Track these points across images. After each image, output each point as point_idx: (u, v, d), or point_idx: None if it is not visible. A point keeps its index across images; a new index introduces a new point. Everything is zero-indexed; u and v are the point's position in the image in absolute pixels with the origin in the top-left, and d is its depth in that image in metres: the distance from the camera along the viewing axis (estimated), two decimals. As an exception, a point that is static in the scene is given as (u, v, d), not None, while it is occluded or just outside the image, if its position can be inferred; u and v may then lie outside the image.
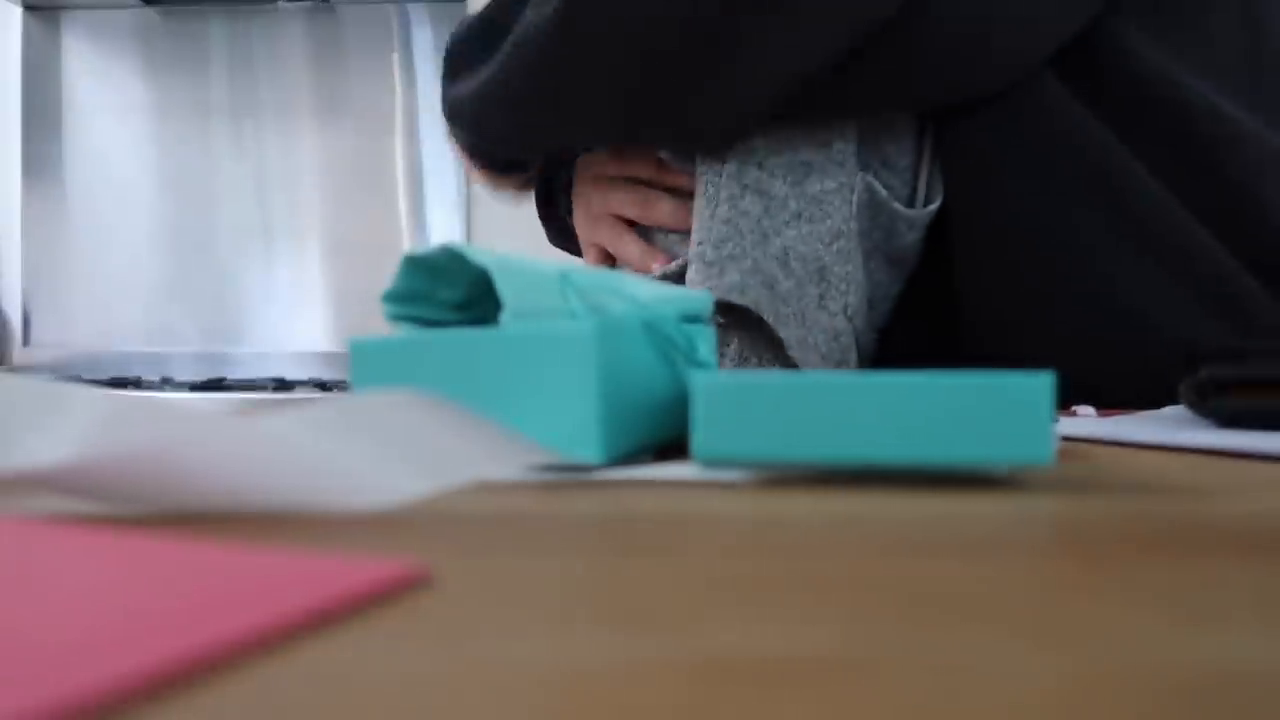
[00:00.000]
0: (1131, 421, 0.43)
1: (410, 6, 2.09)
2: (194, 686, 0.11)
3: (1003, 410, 0.25)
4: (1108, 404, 0.54)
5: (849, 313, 0.56)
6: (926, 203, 0.60)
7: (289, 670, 0.12)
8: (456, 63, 0.65)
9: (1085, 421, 0.44)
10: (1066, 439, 0.39)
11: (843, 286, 0.56)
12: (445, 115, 0.67)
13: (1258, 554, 0.18)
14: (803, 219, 0.55)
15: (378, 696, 0.11)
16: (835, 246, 0.55)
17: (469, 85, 0.62)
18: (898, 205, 0.58)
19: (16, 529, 0.19)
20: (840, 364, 0.58)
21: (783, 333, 0.55)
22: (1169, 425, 0.41)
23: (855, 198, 0.56)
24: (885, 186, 0.58)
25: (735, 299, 0.55)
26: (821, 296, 0.56)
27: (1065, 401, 0.55)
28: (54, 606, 0.14)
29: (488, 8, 0.65)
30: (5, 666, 0.11)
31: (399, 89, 2.09)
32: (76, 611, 0.13)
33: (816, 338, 0.56)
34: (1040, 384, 0.25)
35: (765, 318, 0.55)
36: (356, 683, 0.11)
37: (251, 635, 0.12)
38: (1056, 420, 0.37)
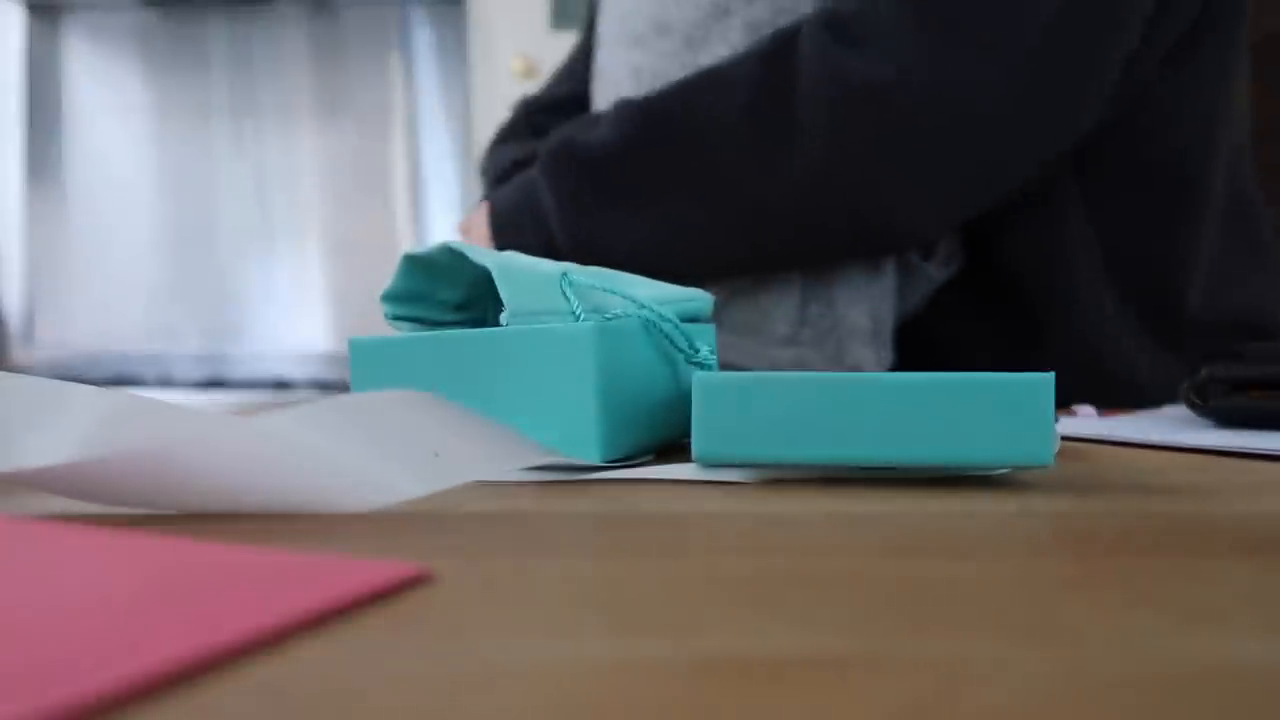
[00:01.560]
0: (1131, 421, 0.43)
1: (410, 7, 2.09)
2: (194, 686, 0.11)
3: (1003, 410, 0.25)
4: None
5: (880, 360, 0.63)
6: (945, 262, 0.65)
7: (289, 670, 0.12)
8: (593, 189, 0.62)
9: (1085, 421, 0.44)
10: (1066, 439, 0.39)
11: (886, 336, 0.62)
12: (567, 252, 0.62)
13: (1258, 554, 0.18)
14: (873, 282, 0.61)
15: (378, 696, 0.11)
16: (886, 305, 0.62)
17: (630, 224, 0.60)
18: (927, 265, 0.63)
19: (16, 529, 0.19)
20: None
21: None
22: (1169, 425, 0.41)
23: (894, 264, 0.62)
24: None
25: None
26: (878, 350, 0.62)
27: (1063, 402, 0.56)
28: (54, 606, 0.14)
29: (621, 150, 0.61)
30: (6, 667, 0.11)
31: (399, 89, 2.09)
32: (77, 611, 0.13)
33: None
34: (1040, 384, 0.25)
35: None
36: (357, 682, 0.11)
37: (252, 635, 0.12)
38: (1056, 420, 0.37)
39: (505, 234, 0.64)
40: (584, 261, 0.59)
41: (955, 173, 0.56)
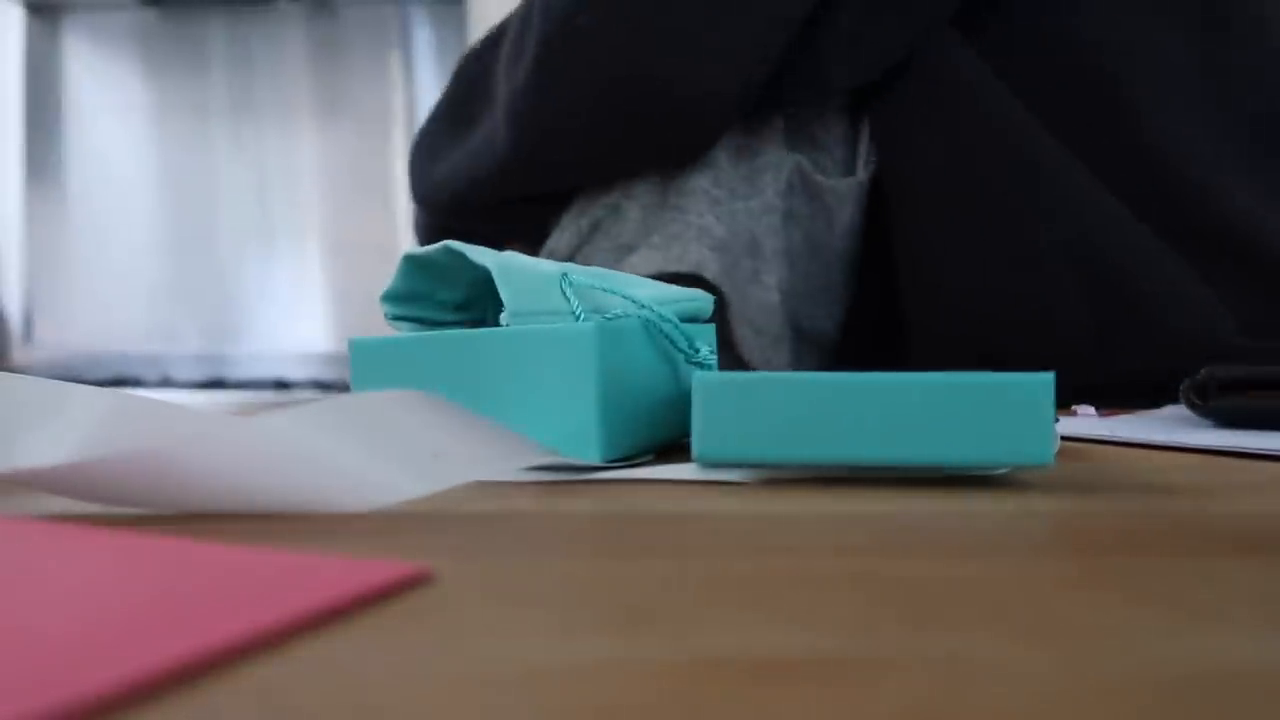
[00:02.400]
0: (1131, 421, 0.43)
1: (410, 7, 2.09)
2: (194, 686, 0.11)
3: (1003, 410, 0.25)
4: (1021, 364, 0.53)
5: (781, 287, 0.58)
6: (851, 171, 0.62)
7: (290, 669, 0.12)
8: (426, 153, 0.69)
9: (1085, 421, 0.44)
10: (1066, 439, 0.39)
11: (774, 261, 0.58)
12: (424, 200, 0.70)
13: (1258, 554, 0.18)
14: (737, 196, 0.58)
15: (378, 696, 0.11)
16: (765, 221, 0.58)
17: (452, 159, 0.66)
18: (821, 177, 0.60)
19: (16, 529, 0.19)
20: (776, 340, 0.59)
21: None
22: (1169, 425, 0.41)
23: (786, 176, 0.59)
24: (818, 168, 0.60)
25: (682, 268, 0.57)
26: (756, 271, 0.58)
27: (1064, 402, 0.55)
28: (54, 606, 0.14)
29: (441, 104, 0.69)
30: (6, 667, 0.11)
31: (399, 89, 2.09)
32: (77, 611, 0.13)
33: (752, 312, 0.58)
34: (1040, 384, 0.25)
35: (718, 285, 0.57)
36: (357, 682, 0.11)
37: (253, 635, 0.12)
38: (1057, 420, 0.37)
39: (415, 228, 0.73)
40: (436, 206, 0.67)
41: (718, 11, 0.53)
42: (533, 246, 0.65)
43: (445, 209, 0.67)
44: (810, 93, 0.59)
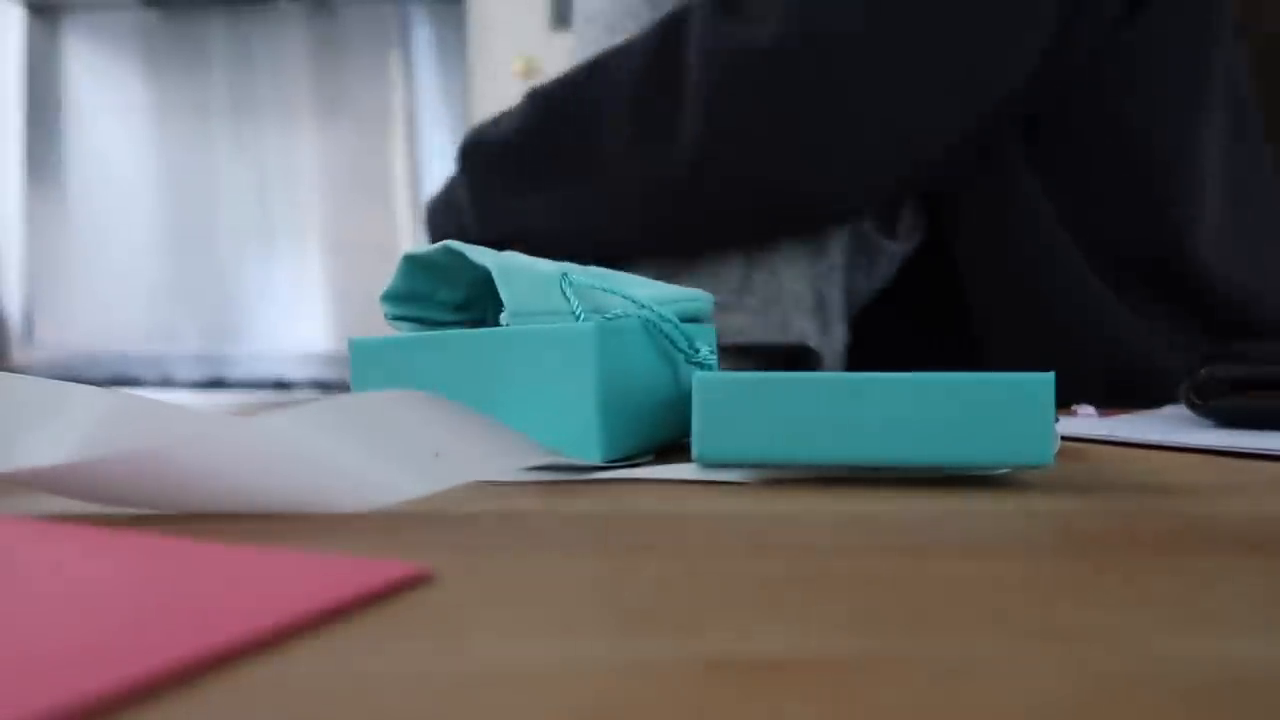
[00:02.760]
0: (1131, 421, 0.43)
1: (410, 6, 2.09)
2: (194, 686, 0.11)
3: (1003, 410, 0.25)
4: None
5: (837, 334, 0.61)
6: (908, 237, 0.64)
7: (291, 669, 0.12)
8: (501, 175, 0.65)
9: (1085, 421, 0.44)
10: (1066, 439, 0.39)
11: (836, 311, 0.60)
12: (489, 226, 0.65)
13: (1258, 554, 0.18)
14: (815, 259, 0.60)
15: (379, 695, 0.11)
16: (831, 278, 0.60)
17: (545, 199, 0.62)
18: (882, 238, 0.62)
19: (17, 529, 0.19)
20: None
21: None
22: (1169, 425, 0.41)
23: (848, 237, 0.60)
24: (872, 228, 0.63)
25: (787, 339, 0.59)
26: (826, 323, 0.60)
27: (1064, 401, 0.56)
28: (54, 606, 0.14)
29: (525, 132, 0.63)
30: (6, 667, 0.11)
31: (399, 89, 2.09)
32: (77, 611, 0.13)
33: (828, 365, 0.61)
34: (1041, 383, 0.25)
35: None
36: (358, 681, 0.11)
37: (253, 635, 0.12)
38: (1057, 420, 0.37)
39: (431, 226, 0.69)
40: (494, 247, 0.63)
41: (854, 133, 0.54)
42: None
43: (508, 241, 0.64)
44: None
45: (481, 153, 0.65)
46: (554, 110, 0.61)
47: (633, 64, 0.58)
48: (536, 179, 0.62)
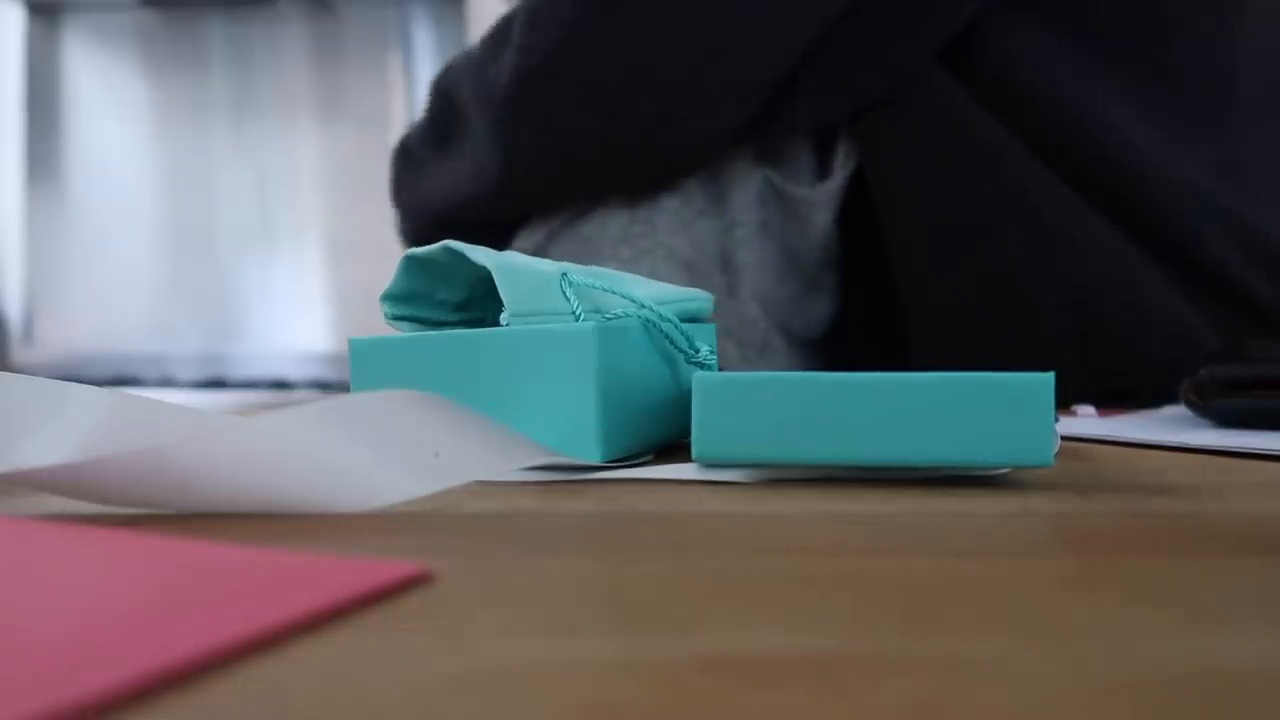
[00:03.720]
0: (1131, 421, 0.43)
1: (410, 7, 2.09)
2: (194, 686, 0.11)
3: (1003, 410, 0.25)
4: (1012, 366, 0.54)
5: (759, 298, 0.60)
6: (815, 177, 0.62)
7: (290, 669, 0.12)
8: (409, 164, 0.72)
9: (1085, 421, 0.44)
10: (1066, 439, 0.39)
11: (749, 273, 0.59)
12: (407, 211, 0.74)
13: (1258, 554, 0.18)
14: (705, 216, 0.60)
15: (378, 696, 0.11)
16: (737, 235, 0.59)
17: (434, 177, 0.69)
18: (792, 187, 0.60)
19: (16, 529, 0.19)
20: (762, 349, 0.60)
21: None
22: (1169, 425, 0.41)
23: (755, 191, 0.60)
24: (788, 178, 0.61)
25: None
26: (730, 285, 0.59)
27: (1064, 402, 0.55)
28: (54, 606, 0.14)
29: (424, 119, 0.71)
30: (6, 667, 0.11)
31: (399, 89, 2.09)
32: (77, 611, 0.13)
33: (732, 325, 0.60)
34: (1040, 383, 0.25)
35: None
36: (357, 682, 0.11)
37: (252, 635, 0.12)
38: (1057, 420, 0.37)
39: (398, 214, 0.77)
40: (419, 220, 0.72)
41: (680, 53, 0.54)
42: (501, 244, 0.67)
43: (428, 224, 0.71)
44: (787, 132, 0.60)
45: (399, 145, 0.74)
46: (438, 91, 0.68)
47: (481, 45, 0.64)
48: (432, 155, 0.69)
